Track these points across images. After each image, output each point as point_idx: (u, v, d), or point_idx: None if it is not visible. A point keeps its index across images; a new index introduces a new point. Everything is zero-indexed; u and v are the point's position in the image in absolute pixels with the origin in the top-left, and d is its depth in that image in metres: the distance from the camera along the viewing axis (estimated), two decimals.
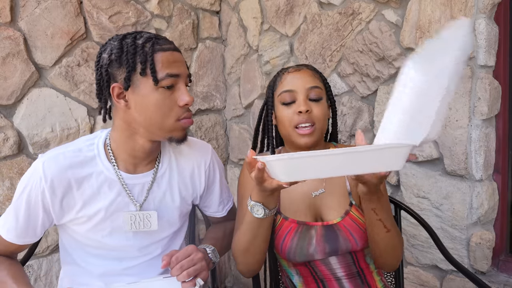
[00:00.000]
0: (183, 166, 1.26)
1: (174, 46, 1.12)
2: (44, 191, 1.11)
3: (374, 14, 1.77)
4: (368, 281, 1.23)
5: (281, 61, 2.15)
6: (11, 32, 1.78)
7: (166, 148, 1.25)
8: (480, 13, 1.48)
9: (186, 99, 1.09)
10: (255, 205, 1.06)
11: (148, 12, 2.16)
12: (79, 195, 1.14)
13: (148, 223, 1.19)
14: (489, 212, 1.58)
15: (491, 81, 1.51)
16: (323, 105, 1.21)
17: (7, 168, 1.79)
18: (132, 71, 1.07)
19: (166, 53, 1.08)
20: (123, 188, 1.17)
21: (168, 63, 1.08)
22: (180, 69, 1.10)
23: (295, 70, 1.24)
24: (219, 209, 1.38)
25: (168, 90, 1.09)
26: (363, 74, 1.82)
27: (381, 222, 1.08)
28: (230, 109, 2.50)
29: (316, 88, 1.20)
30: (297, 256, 1.18)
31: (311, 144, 1.19)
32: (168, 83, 1.08)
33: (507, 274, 1.58)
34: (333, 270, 1.20)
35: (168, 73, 1.07)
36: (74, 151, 1.15)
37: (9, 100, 1.79)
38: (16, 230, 1.16)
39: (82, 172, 1.14)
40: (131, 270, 1.24)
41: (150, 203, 1.21)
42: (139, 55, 1.06)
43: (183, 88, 1.11)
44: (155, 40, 1.09)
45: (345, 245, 1.17)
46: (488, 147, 1.55)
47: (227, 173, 2.57)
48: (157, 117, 1.10)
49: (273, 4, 2.16)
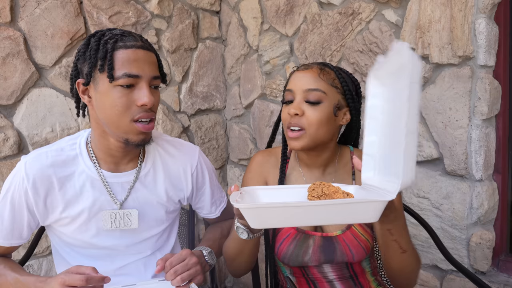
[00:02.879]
0: (169, 167, 1.25)
1: (142, 44, 1.06)
2: (27, 191, 1.11)
3: (374, 14, 1.77)
4: (361, 282, 1.21)
5: (281, 61, 2.15)
6: (11, 32, 1.78)
7: (151, 146, 1.24)
8: (480, 13, 1.48)
9: (144, 99, 1.04)
10: (240, 227, 1.04)
11: (148, 12, 2.16)
12: (62, 195, 1.14)
13: (129, 221, 1.18)
14: (489, 212, 1.58)
15: (491, 81, 1.51)
16: (323, 109, 1.12)
17: (7, 168, 1.79)
18: (93, 67, 1.05)
19: (127, 51, 1.04)
20: (105, 186, 1.16)
21: (128, 62, 1.03)
22: (141, 69, 1.04)
23: (303, 69, 1.17)
24: (212, 210, 1.37)
25: (126, 89, 1.04)
26: (363, 74, 1.82)
27: (396, 242, 0.97)
28: (230, 109, 2.50)
29: (316, 91, 1.12)
30: (291, 262, 1.17)
31: (299, 148, 1.14)
32: (126, 82, 1.04)
33: (507, 274, 1.58)
34: (325, 273, 1.19)
35: (125, 73, 1.03)
36: (57, 150, 1.15)
37: (9, 100, 1.79)
38: (2, 232, 1.15)
39: (65, 171, 1.14)
40: (123, 269, 1.24)
41: (131, 202, 1.19)
42: (100, 51, 1.03)
43: (145, 88, 1.05)
44: (120, 37, 1.05)
45: (341, 258, 1.15)
46: (488, 147, 1.55)
47: (227, 173, 2.57)
48: (113, 115, 1.06)
49: (273, 4, 2.16)
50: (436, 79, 1.61)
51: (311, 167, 1.24)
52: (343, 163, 1.24)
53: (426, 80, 1.63)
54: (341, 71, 1.20)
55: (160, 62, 1.14)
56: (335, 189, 0.90)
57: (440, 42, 1.57)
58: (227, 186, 2.56)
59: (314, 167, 1.23)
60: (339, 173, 1.23)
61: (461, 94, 1.55)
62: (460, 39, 1.52)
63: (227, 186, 2.57)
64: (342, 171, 1.23)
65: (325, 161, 1.22)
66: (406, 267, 1.03)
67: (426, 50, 1.61)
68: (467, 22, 1.50)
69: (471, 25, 1.49)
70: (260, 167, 1.27)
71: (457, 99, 1.56)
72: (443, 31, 1.56)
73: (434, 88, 1.61)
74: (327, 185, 0.91)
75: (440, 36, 1.57)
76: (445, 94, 1.59)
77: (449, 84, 1.57)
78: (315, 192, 0.90)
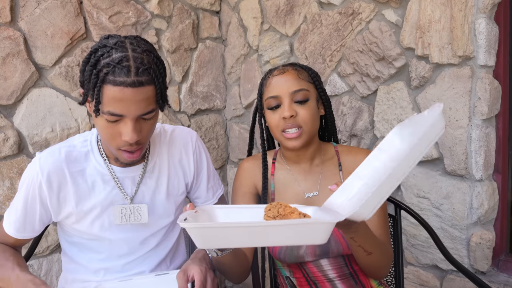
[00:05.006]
0: (171, 153, 1.28)
1: (133, 80, 0.98)
2: (41, 184, 1.15)
3: (374, 14, 1.77)
4: (362, 281, 1.22)
5: (281, 61, 2.15)
6: (11, 32, 1.78)
7: (155, 140, 1.27)
8: (480, 13, 1.48)
9: (126, 137, 1.03)
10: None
11: (148, 12, 2.16)
12: (74, 189, 1.17)
13: (139, 216, 1.20)
14: (489, 212, 1.58)
15: (491, 81, 1.51)
16: (310, 105, 1.20)
17: (7, 168, 1.79)
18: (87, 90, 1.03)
19: (115, 88, 0.98)
20: (115, 182, 1.19)
21: (113, 100, 0.99)
22: (126, 109, 1.00)
23: (279, 73, 1.23)
24: (209, 196, 1.37)
25: (111, 122, 1.03)
26: (363, 74, 1.82)
27: (360, 247, 1.05)
28: (230, 109, 2.50)
29: (301, 91, 1.19)
30: (287, 258, 1.18)
31: (299, 146, 1.20)
32: (109, 119, 1.02)
33: (507, 274, 1.58)
34: (325, 271, 1.20)
35: (109, 111, 1.00)
36: (70, 146, 1.20)
37: (9, 100, 1.79)
38: (15, 224, 1.19)
39: (77, 167, 1.18)
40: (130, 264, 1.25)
41: (141, 196, 1.22)
42: (92, 80, 1.00)
43: (129, 124, 1.02)
44: (113, 69, 0.98)
45: (336, 248, 1.17)
46: (488, 147, 1.55)
47: (227, 173, 2.57)
48: (102, 136, 1.09)
49: (273, 4, 2.16)
50: (436, 79, 1.61)
51: (299, 163, 1.29)
52: (329, 156, 1.30)
53: (426, 80, 1.64)
54: (310, 68, 1.28)
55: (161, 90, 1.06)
56: (292, 210, 0.89)
57: (440, 42, 1.57)
58: (227, 186, 2.57)
59: (302, 162, 1.28)
60: (326, 165, 1.28)
61: (461, 94, 1.55)
62: (460, 39, 1.52)
63: (227, 186, 2.57)
64: (329, 163, 1.29)
65: (311, 155, 1.28)
66: (372, 265, 1.14)
67: (426, 50, 1.61)
68: (467, 22, 1.50)
69: (471, 25, 1.49)
70: (249, 173, 1.32)
71: (457, 99, 1.56)
72: (443, 31, 1.56)
73: (434, 88, 1.62)
74: (284, 206, 0.90)
75: (440, 36, 1.57)
76: (445, 94, 1.59)
77: (449, 84, 1.57)
78: (271, 212, 0.89)
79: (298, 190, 1.25)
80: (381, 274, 1.20)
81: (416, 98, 1.68)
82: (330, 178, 1.26)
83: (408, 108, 1.70)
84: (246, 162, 1.35)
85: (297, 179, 1.28)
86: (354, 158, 1.26)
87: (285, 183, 1.29)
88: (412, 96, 1.69)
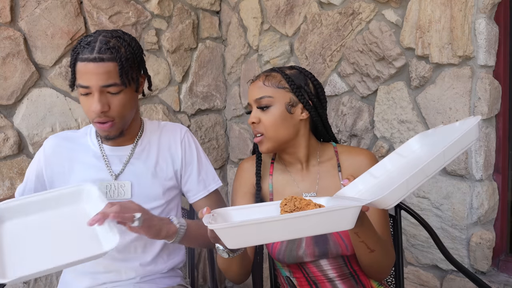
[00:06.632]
0: (161, 141, 1.37)
1: (94, 56, 1.16)
2: (40, 159, 1.34)
3: (374, 14, 1.77)
4: (362, 281, 1.22)
5: (281, 61, 2.15)
6: (11, 32, 1.78)
7: (148, 126, 1.38)
8: (480, 13, 1.48)
9: (91, 107, 1.18)
10: (219, 248, 1.04)
11: (148, 12, 2.16)
12: (69, 165, 1.31)
13: (122, 191, 1.28)
14: (489, 212, 1.58)
15: (491, 81, 1.51)
16: (273, 112, 1.22)
17: (7, 168, 1.79)
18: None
19: (81, 64, 1.17)
20: (104, 160, 1.31)
21: (80, 74, 1.18)
22: (89, 81, 1.17)
23: (252, 81, 1.28)
24: (200, 188, 1.37)
25: (85, 96, 1.20)
26: (363, 74, 1.82)
27: (364, 243, 1.06)
28: (230, 109, 2.50)
29: (262, 98, 1.22)
30: (286, 258, 1.19)
31: (265, 151, 1.25)
32: (81, 91, 1.20)
33: (507, 274, 1.58)
34: (325, 271, 1.20)
35: (79, 83, 1.19)
36: (73, 131, 1.41)
37: (9, 100, 1.79)
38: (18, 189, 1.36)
39: (74, 146, 1.33)
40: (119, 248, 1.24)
41: (127, 174, 1.31)
42: (71, 60, 1.21)
43: (95, 96, 1.18)
44: (82, 49, 1.17)
45: (335, 249, 1.17)
46: (488, 147, 1.55)
47: (227, 173, 2.57)
48: (84, 112, 1.25)
49: (273, 4, 2.16)
50: (436, 79, 1.61)
51: (294, 164, 1.30)
52: (327, 158, 1.30)
53: (426, 80, 1.64)
54: (289, 71, 1.27)
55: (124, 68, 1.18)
56: (307, 202, 0.91)
57: (440, 42, 1.57)
58: (227, 186, 2.57)
59: (296, 163, 1.29)
60: (323, 166, 1.28)
61: (461, 94, 1.55)
62: (460, 39, 1.52)
63: (227, 186, 2.57)
64: (327, 164, 1.29)
65: (304, 157, 1.28)
66: (374, 263, 1.14)
67: (426, 50, 1.61)
68: (467, 22, 1.50)
69: (471, 25, 1.49)
70: (248, 173, 1.33)
71: (457, 99, 1.56)
72: (443, 31, 1.56)
73: (434, 88, 1.62)
74: (299, 199, 0.91)
75: (440, 36, 1.57)
76: (445, 94, 1.59)
77: (449, 84, 1.57)
78: (288, 207, 0.90)
79: (296, 191, 1.25)
80: (382, 274, 1.20)
81: (416, 98, 1.68)
82: (328, 179, 1.26)
83: (408, 108, 1.70)
84: (246, 163, 1.35)
85: (295, 180, 1.28)
86: (353, 159, 1.26)
87: (283, 184, 1.29)
88: (412, 96, 1.69)
